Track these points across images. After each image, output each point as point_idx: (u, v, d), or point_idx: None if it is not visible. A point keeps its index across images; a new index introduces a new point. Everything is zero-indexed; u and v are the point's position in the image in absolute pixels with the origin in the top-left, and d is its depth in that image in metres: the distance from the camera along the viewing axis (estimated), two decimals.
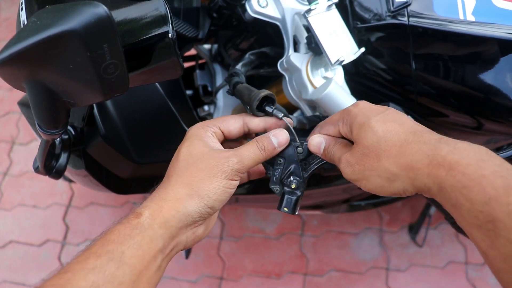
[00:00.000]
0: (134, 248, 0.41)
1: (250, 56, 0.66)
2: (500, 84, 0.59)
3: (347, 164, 0.46)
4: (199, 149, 0.48)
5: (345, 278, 1.49)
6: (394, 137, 0.43)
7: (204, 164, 0.47)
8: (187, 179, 0.46)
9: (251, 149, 0.49)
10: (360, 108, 0.47)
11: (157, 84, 0.66)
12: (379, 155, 0.43)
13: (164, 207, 0.44)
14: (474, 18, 0.60)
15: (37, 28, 0.34)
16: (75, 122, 0.65)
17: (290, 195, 0.52)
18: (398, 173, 0.42)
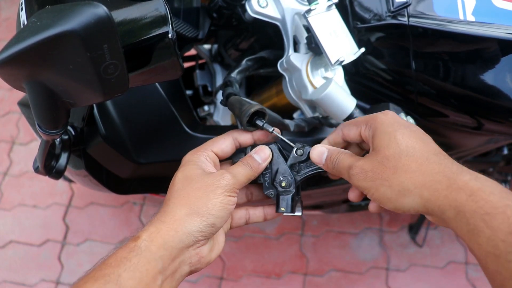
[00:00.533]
0: (130, 271, 0.40)
1: (247, 62, 0.66)
2: (500, 84, 0.59)
3: (361, 170, 0.45)
4: (194, 171, 0.49)
5: (345, 278, 1.49)
6: (416, 154, 0.43)
7: (200, 183, 0.47)
8: (185, 199, 0.46)
9: (240, 167, 0.50)
10: (388, 117, 0.47)
11: (157, 84, 0.66)
12: (397, 168, 0.43)
13: (162, 229, 0.44)
14: (474, 18, 0.60)
15: (37, 29, 0.34)
16: (75, 122, 0.65)
17: (284, 195, 0.52)
18: (412, 190, 0.41)
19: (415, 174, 0.42)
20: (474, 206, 0.37)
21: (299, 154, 0.52)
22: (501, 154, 1.09)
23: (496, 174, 1.27)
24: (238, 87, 0.61)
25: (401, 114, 0.62)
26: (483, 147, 0.81)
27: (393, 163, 0.43)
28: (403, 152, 0.43)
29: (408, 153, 0.43)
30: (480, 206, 0.37)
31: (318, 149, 0.51)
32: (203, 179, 0.47)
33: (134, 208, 1.67)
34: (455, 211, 0.38)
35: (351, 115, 0.59)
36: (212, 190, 0.46)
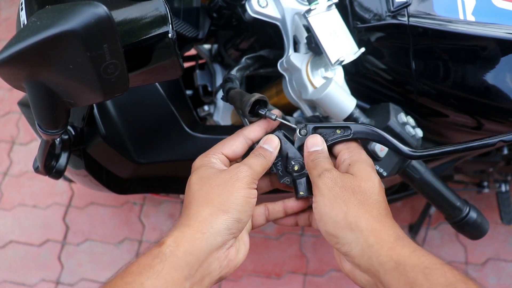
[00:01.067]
0: (154, 278, 0.39)
1: (246, 60, 0.66)
2: (500, 84, 0.59)
3: (333, 179, 0.45)
4: (208, 171, 0.47)
5: (345, 278, 1.48)
6: (381, 204, 0.45)
7: (218, 180, 0.46)
8: (206, 199, 0.44)
9: (253, 159, 0.49)
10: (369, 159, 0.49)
11: (157, 84, 0.66)
12: (363, 203, 0.44)
13: (187, 232, 0.42)
14: (474, 18, 0.60)
15: (37, 28, 0.34)
16: (75, 122, 0.65)
17: (299, 178, 0.51)
18: (363, 230, 0.42)
19: (373, 219, 0.43)
20: (416, 261, 0.39)
21: (303, 134, 0.52)
22: (501, 154, 1.09)
23: (496, 174, 1.27)
24: (238, 84, 0.61)
25: (401, 114, 0.62)
26: None
27: (361, 197, 0.44)
28: (374, 195, 0.45)
29: (377, 199, 0.45)
30: (421, 261, 0.39)
31: (317, 140, 0.50)
32: (220, 176, 0.46)
33: (134, 208, 1.67)
34: (396, 264, 0.40)
35: (351, 115, 0.59)
36: (232, 184, 0.45)
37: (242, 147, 0.51)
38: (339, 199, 0.44)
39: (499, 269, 1.47)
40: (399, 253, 0.40)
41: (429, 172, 0.64)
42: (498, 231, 1.53)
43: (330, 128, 0.52)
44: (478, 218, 0.64)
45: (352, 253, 0.42)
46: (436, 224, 1.54)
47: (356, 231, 0.42)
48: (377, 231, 0.42)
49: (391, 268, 0.40)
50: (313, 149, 0.50)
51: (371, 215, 0.43)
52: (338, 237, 0.43)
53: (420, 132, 0.63)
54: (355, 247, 0.42)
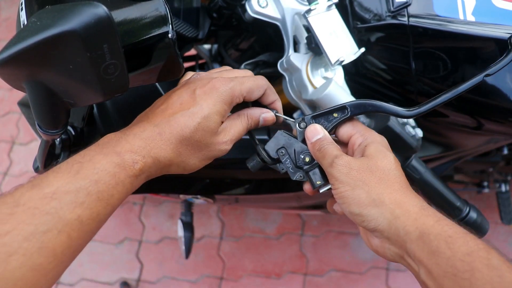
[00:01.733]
0: (121, 193, 0.43)
1: (246, 66, 0.66)
2: (500, 84, 0.59)
3: (347, 165, 0.46)
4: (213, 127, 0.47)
5: (345, 278, 1.49)
6: (401, 178, 0.46)
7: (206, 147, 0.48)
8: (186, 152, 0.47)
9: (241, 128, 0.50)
10: (384, 139, 0.51)
11: (157, 84, 0.66)
12: (382, 179, 0.45)
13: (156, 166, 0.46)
14: (474, 18, 0.60)
15: (37, 29, 0.34)
16: (75, 122, 0.65)
17: (312, 169, 0.51)
18: (387, 204, 0.44)
19: (395, 192, 0.45)
20: (439, 230, 0.41)
21: (302, 127, 0.52)
22: (501, 154, 1.09)
23: (496, 174, 1.27)
24: None
25: None
26: (483, 147, 0.81)
27: (380, 174, 0.45)
28: (392, 171, 0.46)
29: (396, 174, 0.46)
30: (444, 230, 0.41)
31: (316, 128, 0.51)
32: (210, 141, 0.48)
33: (134, 208, 1.67)
34: (420, 233, 0.41)
35: None
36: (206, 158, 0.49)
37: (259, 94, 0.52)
38: (358, 181, 0.45)
39: None
40: (423, 222, 0.42)
41: (429, 172, 0.64)
42: (498, 231, 1.53)
43: (327, 114, 0.52)
44: (478, 218, 0.64)
45: (380, 227, 0.44)
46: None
47: (380, 206, 0.44)
48: (401, 203, 0.44)
49: (416, 237, 0.41)
50: (315, 139, 0.50)
51: (393, 189, 0.45)
52: (363, 215, 0.44)
53: (420, 132, 0.63)
54: (382, 221, 0.43)
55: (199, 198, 0.86)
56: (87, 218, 0.39)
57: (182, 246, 1.09)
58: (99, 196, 0.40)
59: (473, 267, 0.38)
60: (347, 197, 0.45)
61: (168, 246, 1.61)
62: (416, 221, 0.42)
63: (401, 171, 0.47)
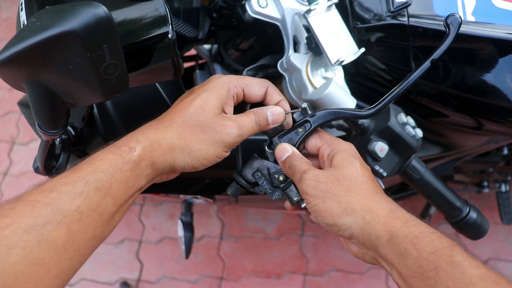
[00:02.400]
0: (121, 182, 0.42)
1: (248, 72, 0.67)
2: (500, 84, 0.59)
3: (315, 178, 0.47)
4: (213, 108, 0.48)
5: (345, 278, 1.49)
6: (369, 183, 0.48)
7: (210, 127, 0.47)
8: (188, 134, 0.47)
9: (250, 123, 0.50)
10: (351, 147, 0.52)
11: (157, 84, 0.66)
12: (350, 188, 0.46)
13: (157, 150, 0.45)
14: (474, 18, 0.60)
15: (37, 29, 0.34)
16: (75, 122, 0.65)
17: (288, 186, 0.52)
18: (358, 211, 0.45)
19: (364, 199, 0.46)
20: (406, 231, 0.42)
21: (272, 148, 0.53)
22: (501, 154, 1.09)
23: (496, 174, 1.27)
24: None
25: (401, 114, 0.62)
26: (483, 147, 0.81)
27: (347, 183, 0.47)
28: (359, 178, 0.47)
29: (363, 180, 0.47)
30: (411, 231, 0.42)
31: (284, 147, 0.52)
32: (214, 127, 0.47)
33: (134, 208, 1.67)
34: (390, 236, 0.42)
35: None
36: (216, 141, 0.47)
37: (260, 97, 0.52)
38: (327, 192, 0.46)
39: (499, 269, 1.46)
40: (392, 225, 0.43)
41: (429, 172, 0.64)
42: (498, 231, 1.53)
43: (292, 131, 0.53)
44: (478, 218, 0.64)
45: (355, 234, 0.45)
46: (436, 224, 1.54)
47: (352, 214, 0.45)
48: (371, 209, 0.45)
49: (386, 241, 0.43)
50: (285, 157, 0.51)
51: (362, 195, 0.46)
52: (338, 225, 0.45)
53: (420, 132, 0.63)
54: (355, 228, 0.45)
55: (199, 198, 0.86)
56: (87, 209, 0.39)
57: (182, 246, 1.09)
58: (98, 185, 0.40)
59: (437, 266, 0.39)
60: (319, 209, 0.46)
61: (168, 246, 1.61)
62: (385, 225, 0.43)
63: (368, 177, 0.48)
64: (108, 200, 0.41)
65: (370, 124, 0.61)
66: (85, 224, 0.39)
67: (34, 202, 0.37)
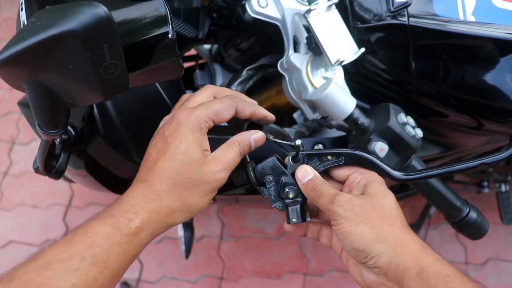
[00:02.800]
0: (119, 255, 0.41)
1: (248, 72, 0.66)
2: (500, 84, 0.59)
3: (349, 201, 0.47)
4: (196, 159, 0.47)
5: (345, 278, 1.49)
6: (401, 217, 0.48)
7: (200, 179, 0.47)
8: (182, 194, 0.47)
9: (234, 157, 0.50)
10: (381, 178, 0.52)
11: (157, 84, 0.66)
12: (384, 217, 0.46)
13: (156, 219, 0.45)
14: (474, 18, 0.60)
15: (37, 29, 0.34)
16: (75, 122, 0.65)
17: (293, 205, 0.52)
18: (389, 240, 0.45)
19: (397, 230, 0.46)
20: (438, 268, 0.42)
21: (295, 162, 0.52)
22: None
23: (496, 174, 1.27)
24: None
25: (401, 114, 0.62)
26: (483, 147, 0.81)
27: (382, 212, 0.47)
28: (394, 210, 0.48)
29: (397, 213, 0.48)
30: (443, 269, 0.42)
31: (306, 169, 0.51)
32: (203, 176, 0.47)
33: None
34: (420, 270, 0.43)
35: (351, 115, 0.59)
36: (208, 190, 0.48)
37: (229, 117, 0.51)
38: (361, 217, 0.46)
39: (499, 269, 1.47)
40: (423, 260, 0.43)
41: None
42: (498, 231, 1.53)
43: (321, 155, 0.52)
44: (478, 218, 0.64)
45: (380, 263, 0.44)
46: (436, 224, 1.54)
47: (384, 242, 0.45)
48: (403, 241, 0.45)
49: (414, 274, 0.42)
50: (307, 179, 0.50)
51: (395, 227, 0.46)
52: (367, 252, 0.45)
53: (420, 132, 0.63)
54: (384, 257, 0.44)
55: None
56: (83, 285, 0.38)
57: (182, 246, 1.08)
58: (94, 260, 0.39)
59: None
60: (350, 232, 0.46)
61: (168, 246, 1.61)
62: (416, 258, 0.43)
63: (401, 211, 0.48)
64: (106, 273, 0.40)
65: (370, 124, 0.61)
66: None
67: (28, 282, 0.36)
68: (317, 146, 0.69)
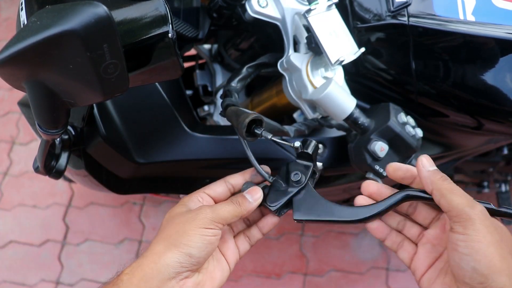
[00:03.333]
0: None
1: (248, 70, 0.66)
2: (500, 84, 0.59)
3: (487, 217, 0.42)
4: (179, 210, 0.51)
5: (345, 278, 1.49)
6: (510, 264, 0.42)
7: (180, 219, 0.49)
8: (165, 235, 0.48)
9: (226, 204, 0.51)
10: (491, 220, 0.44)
11: (157, 84, 0.66)
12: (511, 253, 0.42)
13: (143, 263, 0.46)
14: (474, 18, 0.60)
15: (37, 28, 0.34)
16: (75, 122, 0.65)
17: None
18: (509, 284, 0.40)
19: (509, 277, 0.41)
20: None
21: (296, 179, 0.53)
22: (501, 154, 1.09)
23: (496, 174, 1.27)
24: (237, 97, 0.61)
25: (401, 114, 0.62)
26: (484, 147, 0.81)
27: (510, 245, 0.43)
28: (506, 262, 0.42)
29: None
30: None
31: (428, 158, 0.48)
32: (184, 215, 0.50)
33: (134, 208, 1.67)
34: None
35: (351, 115, 0.59)
36: (189, 223, 0.48)
37: (224, 191, 0.55)
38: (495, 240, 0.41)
39: None
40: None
41: None
42: None
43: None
44: None
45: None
46: None
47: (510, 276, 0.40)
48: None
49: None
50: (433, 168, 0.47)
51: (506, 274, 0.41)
52: (488, 278, 0.40)
53: (420, 132, 0.63)
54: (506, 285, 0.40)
55: None
56: None
57: None
58: None
59: None
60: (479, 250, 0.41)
61: None
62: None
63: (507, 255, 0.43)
64: None
65: (370, 124, 0.61)
66: None
67: None
68: None
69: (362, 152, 0.61)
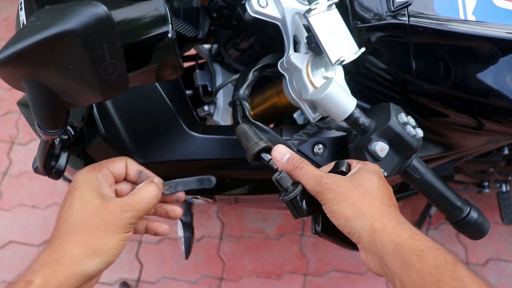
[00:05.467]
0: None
1: (253, 73, 0.67)
2: (501, 84, 0.59)
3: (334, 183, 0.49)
4: (93, 202, 0.48)
5: (345, 278, 1.49)
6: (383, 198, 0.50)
7: (100, 220, 0.47)
8: (84, 238, 0.46)
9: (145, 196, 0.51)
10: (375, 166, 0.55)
11: (157, 84, 0.66)
12: (365, 196, 0.49)
13: (59, 271, 0.44)
14: (475, 18, 0.60)
15: (37, 28, 0.34)
16: (74, 122, 0.65)
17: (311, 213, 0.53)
18: (368, 217, 0.47)
19: (376, 208, 0.48)
20: (412, 243, 0.44)
21: None
22: (501, 154, 1.09)
23: (496, 174, 1.27)
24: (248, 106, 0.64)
25: (401, 114, 0.61)
26: (484, 147, 0.81)
27: (363, 191, 0.49)
28: (374, 189, 0.50)
29: (377, 193, 0.50)
30: (417, 244, 0.44)
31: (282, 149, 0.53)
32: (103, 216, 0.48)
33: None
34: (395, 246, 0.44)
35: (352, 115, 0.59)
36: (112, 230, 0.47)
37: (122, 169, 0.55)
38: (344, 195, 0.48)
39: (500, 269, 1.47)
40: (398, 236, 0.45)
41: (430, 172, 0.64)
42: (498, 231, 1.53)
43: None
44: (478, 218, 0.64)
45: (362, 239, 0.47)
46: (436, 224, 1.54)
47: (362, 219, 0.47)
48: (380, 218, 0.47)
49: (391, 250, 0.44)
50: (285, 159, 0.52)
51: (374, 205, 0.48)
52: (349, 227, 0.48)
53: (420, 132, 0.63)
54: (363, 233, 0.47)
55: (199, 198, 0.86)
56: None
57: (182, 246, 1.08)
58: None
59: (440, 279, 0.41)
60: (334, 211, 0.48)
61: (168, 246, 1.61)
62: (392, 234, 0.45)
63: (384, 192, 0.51)
64: None
65: (370, 124, 0.61)
66: None
67: None
68: (317, 146, 0.69)
69: (363, 152, 0.60)
